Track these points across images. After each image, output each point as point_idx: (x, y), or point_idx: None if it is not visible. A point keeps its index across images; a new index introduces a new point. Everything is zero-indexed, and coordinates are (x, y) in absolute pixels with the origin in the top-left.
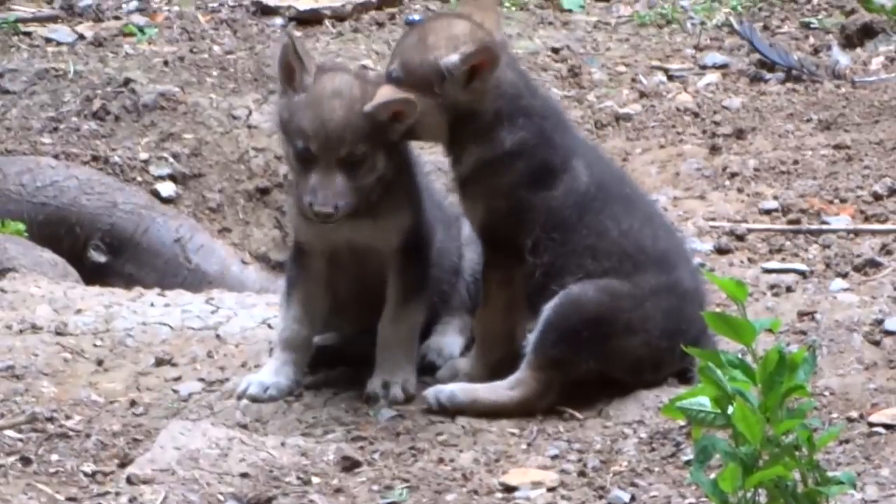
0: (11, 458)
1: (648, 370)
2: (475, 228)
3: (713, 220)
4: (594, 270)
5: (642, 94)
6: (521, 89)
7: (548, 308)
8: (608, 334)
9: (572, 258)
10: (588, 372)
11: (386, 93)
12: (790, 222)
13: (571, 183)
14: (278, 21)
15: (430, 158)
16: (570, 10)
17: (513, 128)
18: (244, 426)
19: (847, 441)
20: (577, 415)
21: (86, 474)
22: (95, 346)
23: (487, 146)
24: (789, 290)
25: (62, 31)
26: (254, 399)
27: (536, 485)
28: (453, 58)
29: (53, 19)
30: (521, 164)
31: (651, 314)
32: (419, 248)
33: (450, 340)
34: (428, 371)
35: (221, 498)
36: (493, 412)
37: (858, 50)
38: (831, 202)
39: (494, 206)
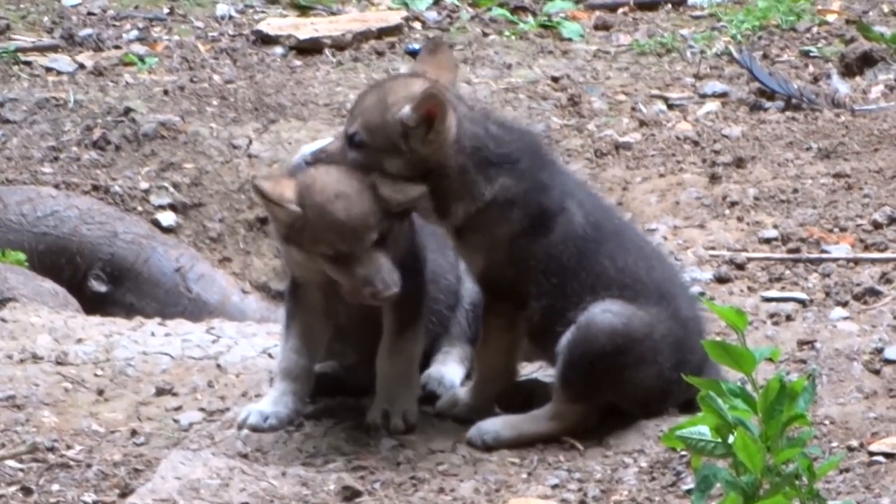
0: (12, 489)
1: (655, 402)
2: (474, 277)
3: (713, 248)
4: (594, 301)
5: (642, 123)
6: (482, 141)
7: (563, 345)
8: (624, 365)
9: (572, 298)
10: (611, 398)
11: (389, 192)
12: (790, 251)
13: (567, 226)
14: (278, 50)
15: None
16: (569, 39)
17: (488, 178)
18: (245, 456)
19: (847, 470)
20: (578, 444)
21: None
22: (96, 375)
23: (469, 201)
24: (789, 318)
25: (62, 61)
26: (254, 429)
27: None
28: (405, 109)
29: (54, 49)
30: (517, 213)
31: (660, 345)
32: (412, 276)
33: (450, 370)
34: (429, 400)
35: None
36: (538, 441)
37: (858, 78)
38: (831, 231)
39: (494, 257)
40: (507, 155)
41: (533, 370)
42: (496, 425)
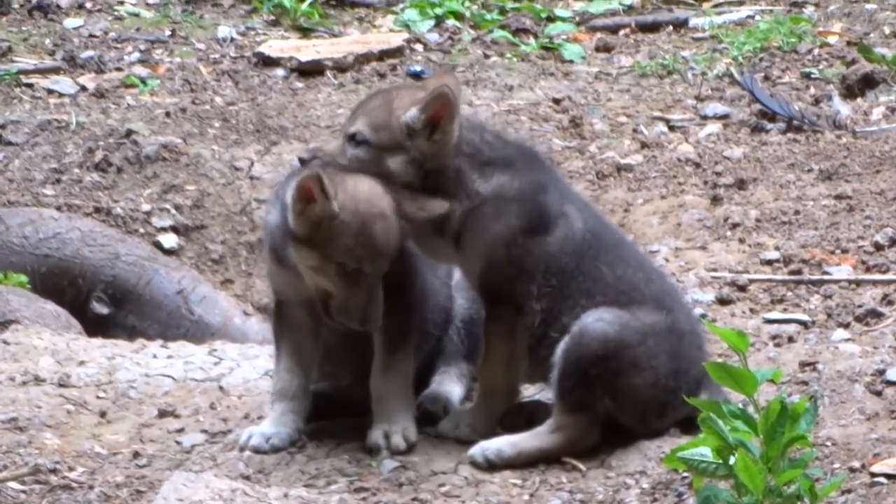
0: None
1: (654, 416)
2: (474, 283)
3: (715, 270)
4: (589, 307)
5: (643, 145)
6: (476, 145)
7: (558, 355)
8: (618, 371)
9: (568, 302)
10: (606, 412)
11: (415, 209)
12: (791, 273)
13: (567, 230)
14: (280, 72)
15: None
16: (571, 61)
17: (483, 175)
18: (247, 477)
19: (849, 491)
20: (580, 465)
21: None
22: (98, 397)
23: (465, 200)
24: (791, 340)
25: (64, 83)
26: (256, 450)
27: None
28: (413, 111)
29: (55, 71)
30: (512, 208)
31: (654, 351)
32: (401, 295)
33: (448, 389)
34: (427, 420)
35: None
36: (541, 459)
37: (859, 100)
38: (832, 252)
39: (492, 257)
40: (502, 157)
41: (534, 392)
42: (498, 443)
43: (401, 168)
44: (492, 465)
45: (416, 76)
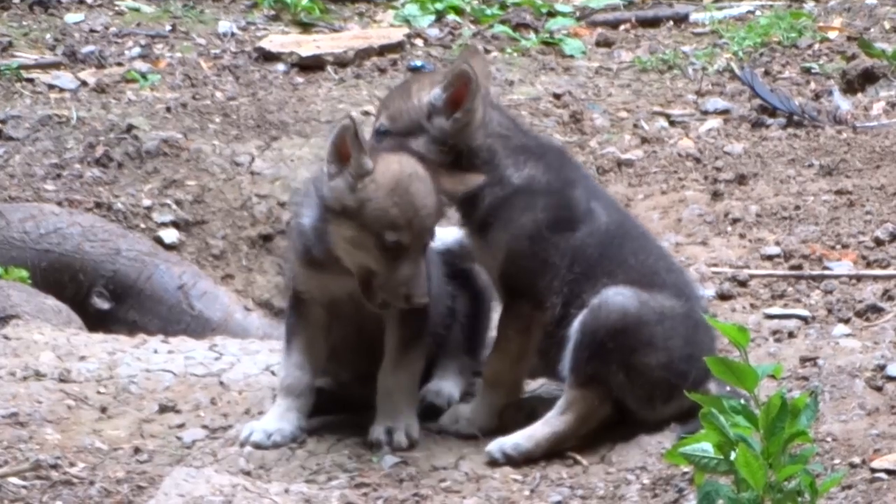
0: None
1: (661, 399)
2: (493, 276)
3: (715, 265)
4: (610, 285)
5: (644, 140)
6: (510, 129)
7: (574, 327)
8: (633, 346)
9: (591, 282)
10: (618, 388)
11: (454, 183)
12: (792, 268)
13: (593, 225)
14: (280, 67)
15: None
16: (571, 56)
17: (517, 164)
18: (248, 473)
19: (849, 487)
20: (583, 460)
21: None
22: (99, 393)
23: (497, 186)
24: (791, 335)
25: (65, 78)
26: (257, 446)
27: None
28: (436, 90)
29: (56, 66)
30: (540, 202)
31: (670, 333)
32: None
33: (450, 383)
34: (429, 413)
35: None
36: (557, 443)
37: (859, 95)
38: (833, 248)
39: (515, 250)
40: (535, 146)
41: (536, 387)
42: (514, 438)
43: (424, 149)
44: (511, 461)
45: (417, 71)
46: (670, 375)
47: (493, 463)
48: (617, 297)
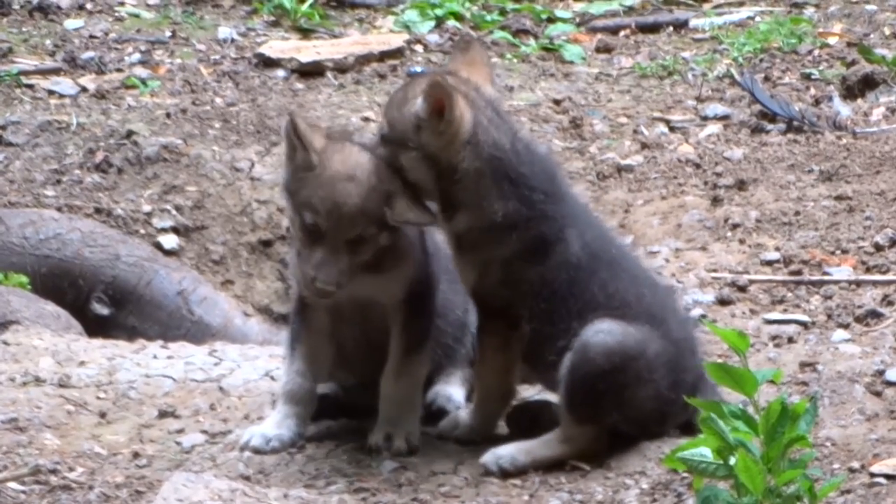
0: None
1: (655, 424)
2: (468, 292)
3: (715, 271)
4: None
5: (644, 146)
6: (505, 152)
7: (564, 371)
8: (623, 383)
9: (560, 325)
10: (613, 424)
11: (404, 210)
12: (792, 273)
13: (563, 254)
14: (280, 73)
15: None
16: (571, 62)
17: (501, 195)
18: (247, 478)
19: (849, 492)
20: (583, 465)
21: None
22: (98, 398)
23: (479, 213)
24: (791, 340)
25: (65, 84)
26: (256, 451)
27: None
28: (419, 101)
29: (56, 72)
30: (515, 237)
31: (654, 364)
32: (423, 300)
33: (455, 390)
34: (435, 418)
35: None
36: (553, 464)
37: (859, 101)
38: (833, 253)
39: (487, 275)
40: (525, 176)
41: (536, 392)
42: (511, 451)
43: (413, 165)
44: (505, 474)
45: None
46: (661, 405)
47: (488, 473)
48: (598, 336)
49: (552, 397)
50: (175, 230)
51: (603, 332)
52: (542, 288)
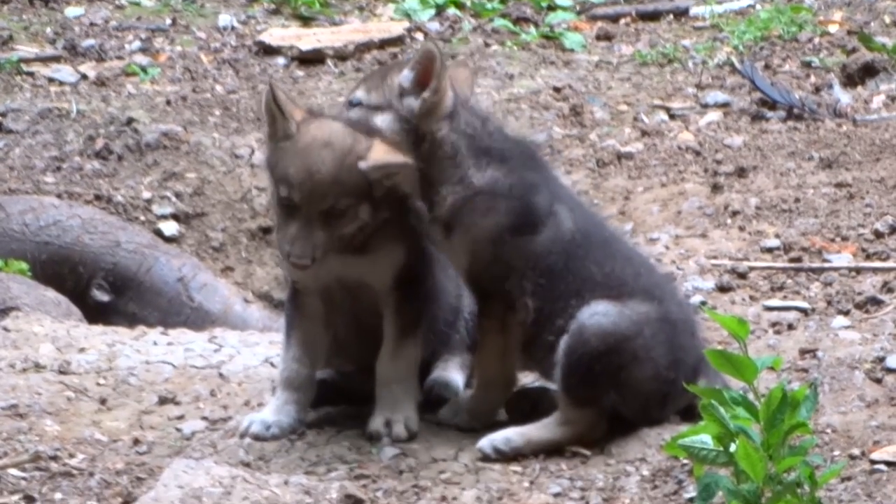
0: (15, 497)
1: (656, 407)
2: (462, 277)
3: (715, 258)
4: (581, 306)
5: (644, 133)
6: (478, 131)
7: (560, 353)
8: (620, 364)
9: (559, 303)
10: (612, 406)
11: (381, 153)
12: (792, 260)
13: (556, 230)
14: (280, 61)
15: None
16: (571, 50)
17: (479, 165)
18: (247, 464)
19: (849, 478)
20: (584, 451)
21: None
22: (99, 384)
23: (458, 186)
24: (791, 327)
25: (65, 71)
26: (257, 437)
27: None
28: (405, 71)
29: (56, 59)
30: (503, 207)
31: (651, 343)
32: (414, 284)
33: (453, 376)
34: (434, 405)
35: None
36: (549, 448)
37: (859, 88)
38: (833, 240)
39: (479, 254)
40: (499, 150)
41: (534, 378)
42: (506, 433)
43: (388, 126)
44: (501, 454)
45: None
46: (660, 385)
47: (485, 459)
48: (593, 318)
49: (551, 386)
50: (175, 217)
51: (598, 314)
52: (536, 263)
